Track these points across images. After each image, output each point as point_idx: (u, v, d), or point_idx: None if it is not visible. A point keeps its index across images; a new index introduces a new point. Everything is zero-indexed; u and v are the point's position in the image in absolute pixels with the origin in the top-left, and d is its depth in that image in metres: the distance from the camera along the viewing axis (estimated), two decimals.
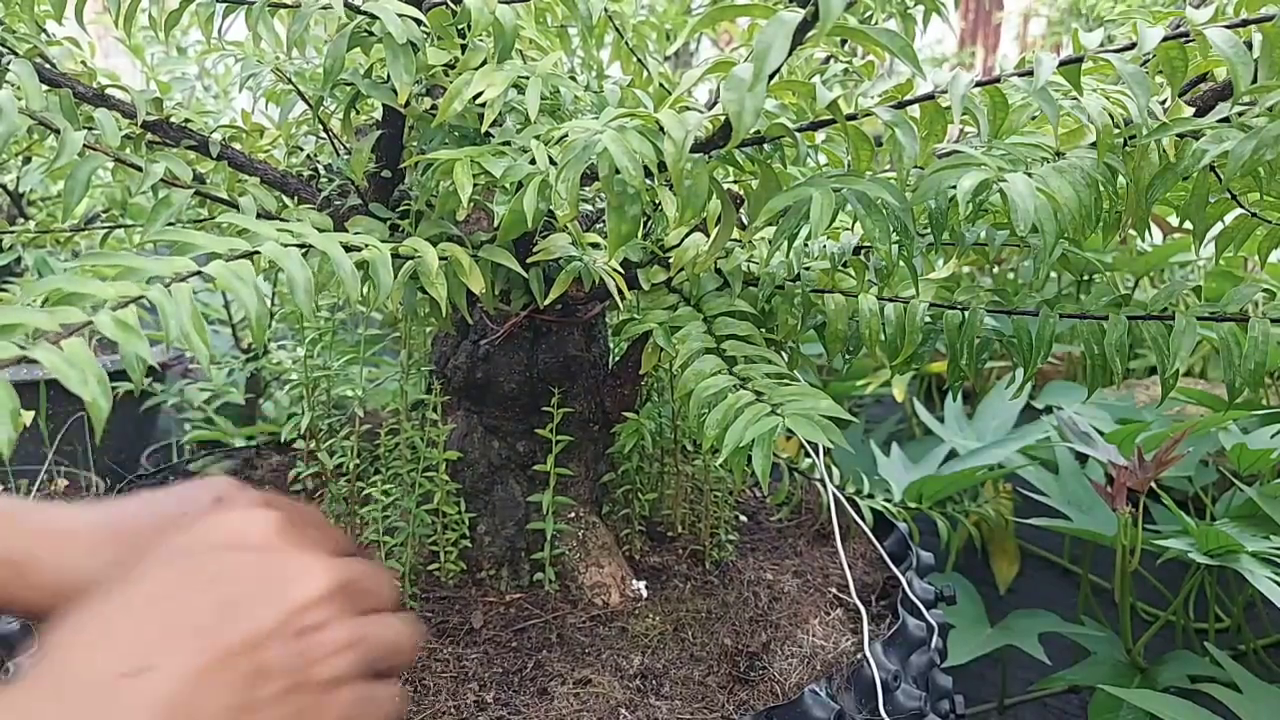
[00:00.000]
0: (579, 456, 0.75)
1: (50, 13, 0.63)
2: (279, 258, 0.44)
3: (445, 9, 0.58)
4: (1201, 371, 1.53)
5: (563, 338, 0.72)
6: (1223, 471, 1.15)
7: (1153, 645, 1.00)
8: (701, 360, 0.59)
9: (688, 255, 0.65)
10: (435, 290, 0.54)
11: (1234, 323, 0.59)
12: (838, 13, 0.40)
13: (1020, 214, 0.49)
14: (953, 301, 0.65)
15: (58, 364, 0.34)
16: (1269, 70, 0.49)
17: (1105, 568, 1.29)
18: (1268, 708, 0.81)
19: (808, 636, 0.67)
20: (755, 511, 0.90)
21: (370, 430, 0.74)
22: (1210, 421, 1.04)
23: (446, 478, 0.69)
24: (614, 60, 0.81)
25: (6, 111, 0.53)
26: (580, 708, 0.58)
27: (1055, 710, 1.10)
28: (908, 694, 0.62)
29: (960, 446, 1.26)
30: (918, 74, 0.50)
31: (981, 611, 1.07)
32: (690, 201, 0.50)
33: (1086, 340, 0.63)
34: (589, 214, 0.71)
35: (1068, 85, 0.51)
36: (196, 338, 0.40)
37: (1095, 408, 1.26)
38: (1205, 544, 0.89)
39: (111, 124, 0.61)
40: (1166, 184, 0.57)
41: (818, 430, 0.50)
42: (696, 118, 0.49)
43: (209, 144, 0.67)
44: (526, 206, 0.50)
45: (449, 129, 0.63)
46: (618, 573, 0.72)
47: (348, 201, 0.65)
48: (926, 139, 0.53)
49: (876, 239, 0.52)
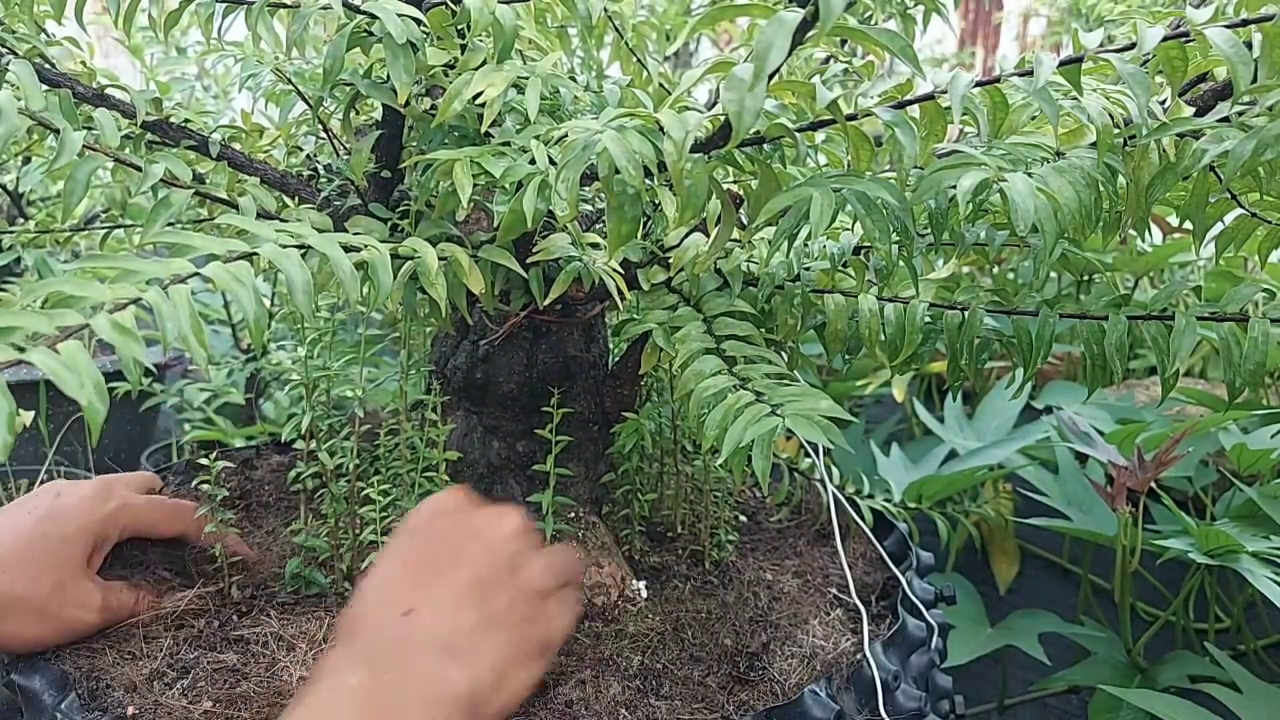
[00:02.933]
0: (579, 457, 0.75)
1: (50, 13, 0.63)
2: (278, 259, 0.44)
3: (445, 9, 0.58)
4: (1201, 371, 1.53)
5: (562, 338, 0.72)
6: (1223, 471, 1.15)
7: (1153, 645, 1.00)
8: (701, 360, 0.59)
9: (688, 255, 0.65)
10: (435, 290, 0.54)
11: (1234, 323, 0.59)
12: (838, 13, 0.40)
13: (1020, 214, 0.49)
14: (953, 301, 0.65)
15: (54, 367, 0.34)
16: (1269, 70, 0.49)
17: (1105, 568, 1.29)
18: (1268, 708, 0.81)
19: (808, 637, 0.67)
20: (755, 511, 0.90)
21: (370, 430, 0.74)
22: (1210, 421, 1.04)
23: (446, 478, 0.69)
24: (614, 60, 0.81)
25: (6, 112, 0.53)
26: (580, 707, 0.58)
27: (1055, 710, 1.10)
28: (907, 694, 0.62)
29: (960, 446, 1.26)
30: (918, 74, 0.50)
31: (981, 611, 1.07)
32: (690, 201, 0.50)
33: (1086, 340, 0.63)
34: (589, 214, 0.71)
35: (1068, 85, 0.51)
36: (194, 340, 0.40)
37: (1095, 408, 1.26)
38: (1205, 544, 0.89)
39: (111, 124, 0.61)
40: (1166, 184, 0.57)
41: (818, 430, 0.50)
42: (696, 118, 0.49)
43: (209, 144, 0.67)
44: (526, 206, 0.50)
45: (449, 129, 0.63)
46: (617, 573, 0.72)
47: (347, 201, 0.65)
48: (926, 139, 0.53)
49: (876, 239, 0.52)
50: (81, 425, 1.48)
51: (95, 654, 0.62)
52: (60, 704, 0.56)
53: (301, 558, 0.71)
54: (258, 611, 0.67)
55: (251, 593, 0.70)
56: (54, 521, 0.64)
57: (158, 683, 0.59)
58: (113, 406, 0.47)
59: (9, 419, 0.33)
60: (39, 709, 0.56)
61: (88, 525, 0.66)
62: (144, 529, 0.70)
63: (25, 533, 0.63)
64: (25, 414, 0.32)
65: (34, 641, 0.61)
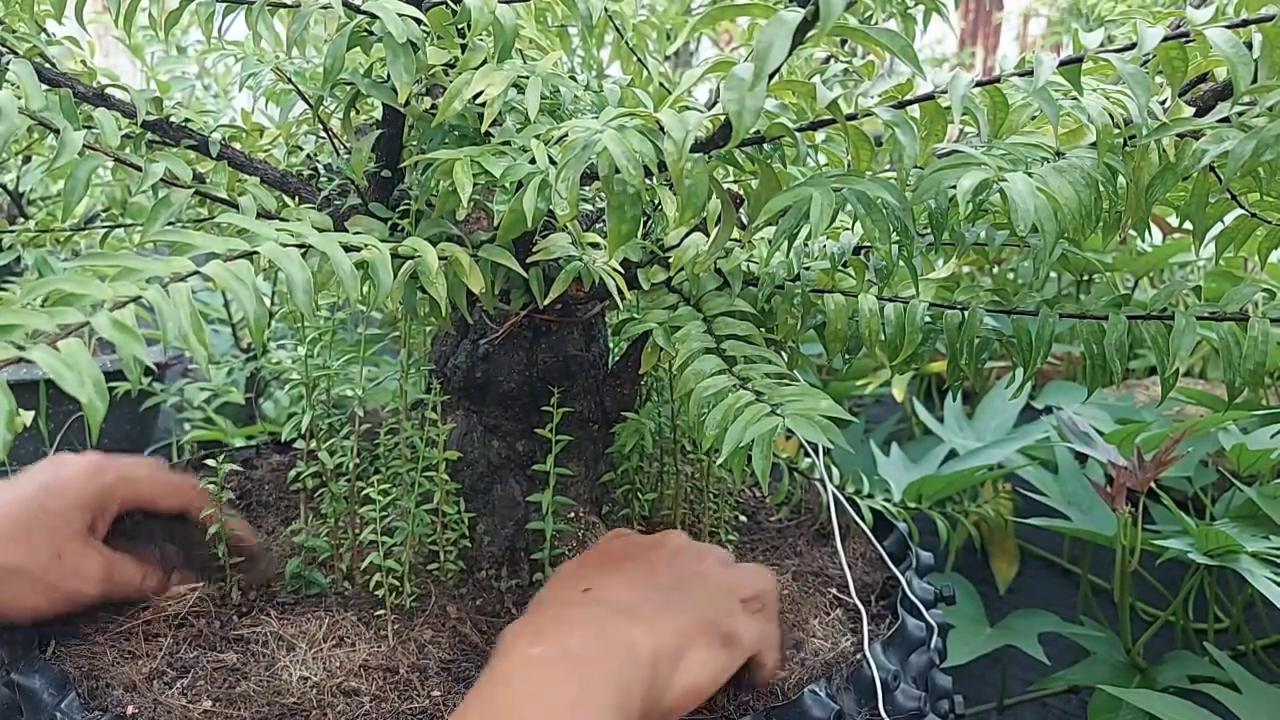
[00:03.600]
0: (578, 456, 0.74)
1: (50, 12, 0.63)
2: (278, 258, 0.44)
3: (445, 9, 0.57)
4: (1201, 371, 1.53)
5: (562, 337, 0.72)
6: (1222, 471, 1.15)
7: (1152, 645, 1.00)
8: (701, 360, 0.59)
9: (688, 255, 0.65)
10: (435, 290, 0.54)
11: (1234, 323, 0.59)
12: (838, 13, 0.40)
13: (1020, 214, 0.49)
14: (953, 301, 0.65)
15: (54, 365, 0.34)
16: (1269, 70, 0.49)
17: (1105, 568, 1.29)
18: (1268, 708, 0.81)
19: (807, 636, 0.67)
20: (755, 511, 0.90)
21: (370, 430, 0.74)
22: (1210, 421, 1.04)
23: (446, 477, 0.69)
24: (614, 60, 0.81)
25: (6, 111, 0.53)
26: None
27: (1055, 710, 1.10)
28: (907, 694, 0.62)
29: (960, 446, 1.26)
30: (918, 74, 0.50)
31: (981, 611, 1.07)
32: (690, 201, 0.50)
33: (1086, 340, 0.63)
34: (589, 214, 0.71)
35: (1068, 85, 0.51)
36: (194, 339, 0.40)
37: (1095, 408, 1.26)
38: (1205, 544, 0.89)
39: (111, 124, 0.61)
40: (1166, 184, 0.57)
41: (818, 430, 0.50)
42: (696, 117, 0.49)
43: (209, 144, 0.67)
44: (526, 206, 0.50)
45: (449, 129, 0.63)
46: None
47: (347, 201, 0.65)
48: (926, 139, 0.53)
49: (876, 239, 0.52)
50: (82, 424, 1.48)
51: (95, 654, 0.62)
52: (60, 703, 0.56)
53: (301, 557, 0.71)
54: (258, 611, 0.67)
55: (252, 593, 0.70)
56: (52, 492, 0.64)
57: (157, 682, 0.59)
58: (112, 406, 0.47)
59: (9, 417, 0.33)
60: (39, 708, 0.56)
61: (85, 495, 0.66)
62: (144, 502, 0.70)
63: (24, 502, 0.63)
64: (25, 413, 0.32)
65: (33, 610, 0.61)
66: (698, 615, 0.54)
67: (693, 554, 0.60)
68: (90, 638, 0.63)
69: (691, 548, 0.61)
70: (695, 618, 0.54)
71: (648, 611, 0.52)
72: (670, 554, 0.59)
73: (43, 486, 0.65)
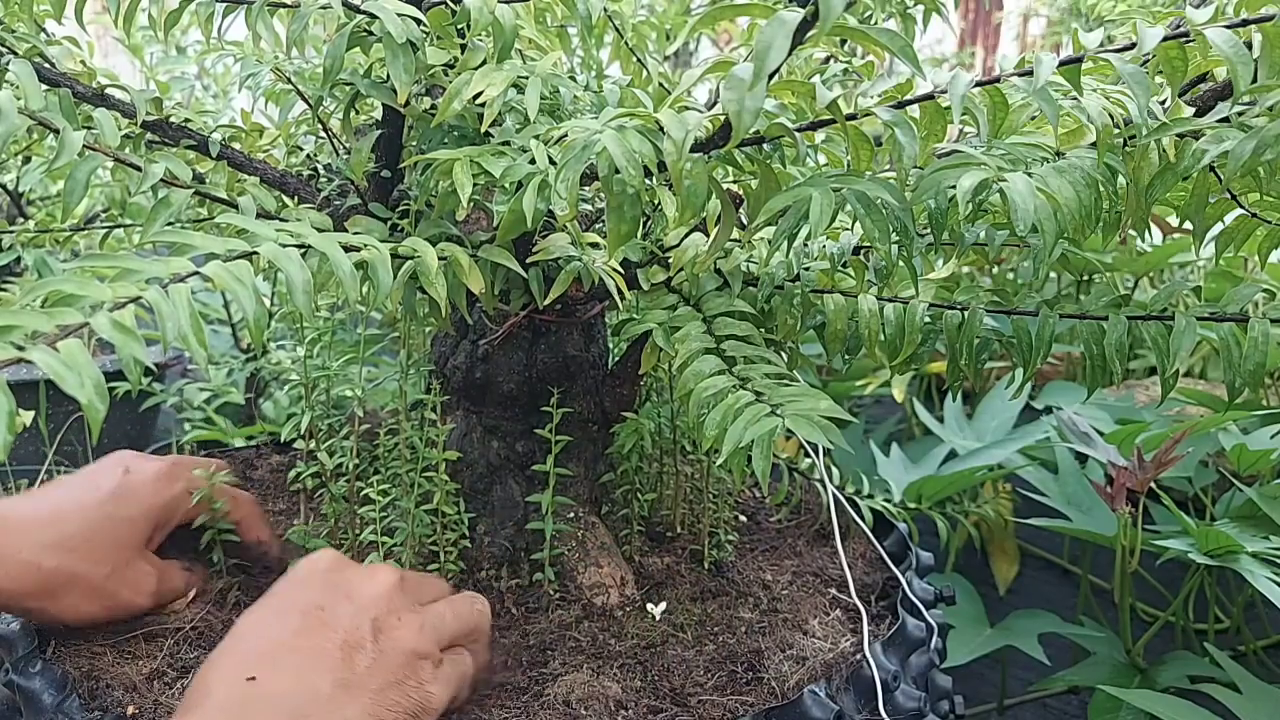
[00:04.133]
0: (578, 456, 0.74)
1: (50, 12, 0.63)
2: (277, 258, 0.44)
3: (445, 9, 0.57)
4: (1201, 371, 1.53)
5: (562, 338, 0.72)
6: (1223, 472, 1.15)
7: (1152, 646, 1.00)
8: (701, 360, 0.59)
9: (687, 255, 0.65)
10: (434, 290, 0.54)
11: (1234, 323, 0.59)
12: (838, 13, 0.40)
13: (1020, 214, 0.49)
14: (952, 301, 0.65)
15: (54, 366, 0.34)
16: (1269, 70, 0.49)
17: (1105, 568, 1.29)
18: (1268, 708, 0.81)
19: (807, 637, 0.67)
20: (755, 512, 0.90)
21: (370, 430, 0.74)
22: (1210, 422, 1.04)
23: (446, 478, 0.69)
24: (614, 60, 0.81)
25: (6, 112, 0.53)
26: (579, 708, 0.58)
27: (1055, 711, 1.10)
28: (907, 694, 0.62)
29: (960, 447, 1.26)
30: (917, 74, 0.50)
31: (981, 612, 1.07)
32: (690, 201, 0.50)
33: (1086, 340, 0.63)
34: (589, 214, 0.71)
35: (1068, 85, 0.51)
36: (194, 339, 0.40)
37: (1095, 408, 1.25)
38: (1205, 544, 0.89)
39: (111, 124, 0.61)
40: (1166, 184, 0.57)
41: (818, 431, 0.50)
42: (696, 117, 0.49)
43: (209, 144, 0.67)
44: (526, 206, 0.50)
45: (448, 129, 0.63)
46: (617, 573, 0.72)
47: (347, 201, 0.65)
48: (926, 139, 0.53)
49: (876, 239, 0.52)
50: (81, 424, 1.48)
51: (95, 654, 0.62)
52: (60, 704, 0.56)
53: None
54: None
55: (253, 593, 0.70)
56: (119, 501, 0.63)
57: (157, 682, 0.59)
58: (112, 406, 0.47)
59: (9, 417, 0.33)
60: (39, 709, 0.56)
61: (154, 507, 0.65)
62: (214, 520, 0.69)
63: (92, 509, 0.62)
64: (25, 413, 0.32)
65: (89, 618, 0.62)
66: (379, 704, 0.49)
67: (373, 612, 0.52)
68: (90, 638, 0.63)
69: (374, 602, 0.53)
70: (374, 709, 0.48)
71: (316, 711, 0.46)
72: (354, 615, 0.52)
73: (111, 495, 0.63)
